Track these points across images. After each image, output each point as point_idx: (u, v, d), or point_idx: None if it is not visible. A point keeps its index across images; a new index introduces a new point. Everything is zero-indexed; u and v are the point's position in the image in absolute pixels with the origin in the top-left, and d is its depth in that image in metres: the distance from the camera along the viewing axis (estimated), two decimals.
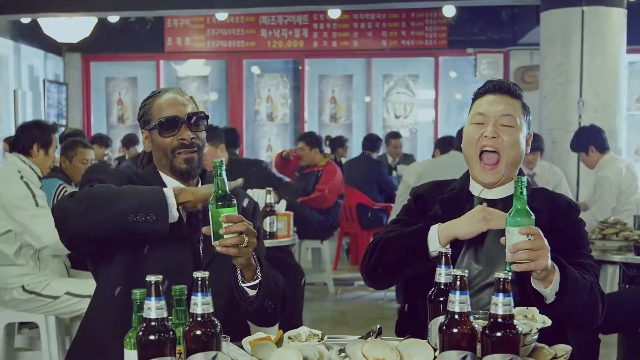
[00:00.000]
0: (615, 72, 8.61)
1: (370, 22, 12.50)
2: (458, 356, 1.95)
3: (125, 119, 13.51)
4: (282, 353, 2.19)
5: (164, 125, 2.87)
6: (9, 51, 11.15)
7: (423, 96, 13.12)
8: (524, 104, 2.84)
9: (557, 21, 8.60)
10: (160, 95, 2.99)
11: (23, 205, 4.80)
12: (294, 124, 13.40)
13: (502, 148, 2.73)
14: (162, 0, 9.87)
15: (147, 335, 1.94)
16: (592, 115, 8.31)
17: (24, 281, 4.80)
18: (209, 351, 1.97)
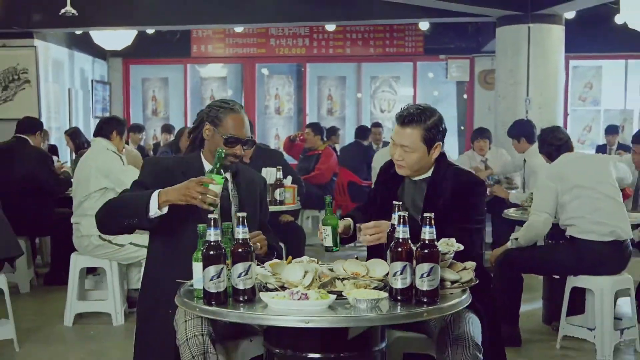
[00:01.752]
0: (555, 76, 8.91)
1: (360, 34, 12.63)
2: (401, 265, 2.51)
3: (158, 112, 13.63)
4: (290, 267, 2.74)
5: (229, 141, 3.25)
6: (65, 57, 11.39)
7: (404, 93, 13.20)
8: (425, 127, 3.26)
9: (509, 35, 8.89)
10: (235, 110, 3.33)
11: (114, 165, 5.43)
12: (297, 116, 13.56)
13: (405, 163, 3.31)
14: (189, 17, 10.02)
15: (208, 251, 2.51)
16: (537, 110, 8.64)
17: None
18: (246, 262, 2.54)
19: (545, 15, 8.70)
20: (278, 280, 2.71)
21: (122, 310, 5.53)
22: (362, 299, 2.47)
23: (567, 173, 4.88)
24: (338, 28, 12.24)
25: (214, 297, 2.55)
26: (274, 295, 2.52)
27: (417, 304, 2.54)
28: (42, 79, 10.56)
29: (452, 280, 2.71)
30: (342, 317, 2.43)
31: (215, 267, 2.53)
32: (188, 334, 2.85)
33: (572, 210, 4.79)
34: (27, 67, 10.39)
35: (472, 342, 2.95)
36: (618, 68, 12.53)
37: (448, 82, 13.13)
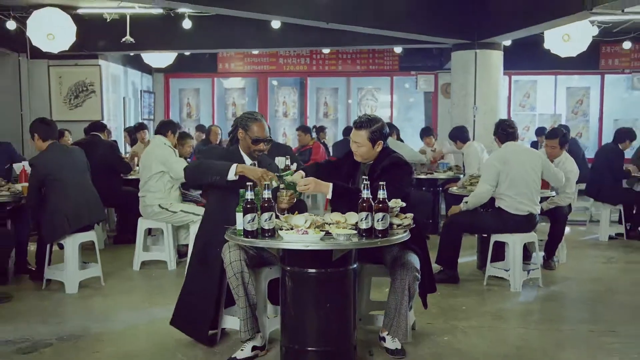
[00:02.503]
0: (495, 89, 9.41)
1: (349, 54, 13.02)
2: (365, 214, 3.29)
3: (191, 115, 13.92)
4: (297, 216, 3.52)
5: (255, 141, 4.02)
6: (121, 73, 11.99)
7: (383, 101, 13.62)
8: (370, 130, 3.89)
9: (461, 58, 9.38)
10: (257, 119, 4.03)
11: (170, 157, 6.04)
12: (299, 119, 13.86)
13: (358, 153, 3.96)
14: (219, 43, 10.61)
15: (247, 205, 3.32)
16: (482, 115, 9.18)
17: (160, 202, 6.01)
18: (270, 212, 3.33)
19: (488, 43, 9.21)
20: (289, 224, 3.54)
21: (174, 259, 6.30)
22: (341, 234, 3.31)
23: (509, 159, 5.49)
24: (332, 51, 12.68)
25: (250, 233, 3.38)
26: (286, 232, 3.36)
27: (374, 237, 3.36)
28: (104, 90, 11.18)
29: (397, 224, 3.54)
30: (329, 243, 3.27)
31: (251, 215, 3.36)
32: (231, 259, 3.70)
33: (505, 188, 5.46)
34: (93, 81, 11.05)
35: (412, 266, 3.80)
36: (549, 82, 13.07)
37: (418, 92, 13.51)
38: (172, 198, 6.16)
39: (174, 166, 6.03)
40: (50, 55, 10.02)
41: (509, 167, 5.48)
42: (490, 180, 5.52)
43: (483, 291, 5.57)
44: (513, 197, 5.46)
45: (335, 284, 3.49)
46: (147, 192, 6.13)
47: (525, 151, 5.78)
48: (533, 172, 5.53)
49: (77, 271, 5.43)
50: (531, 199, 5.49)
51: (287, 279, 3.52)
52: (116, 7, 9.23)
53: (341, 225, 3.49)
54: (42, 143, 5.39)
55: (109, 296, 5.37)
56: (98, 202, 5.63)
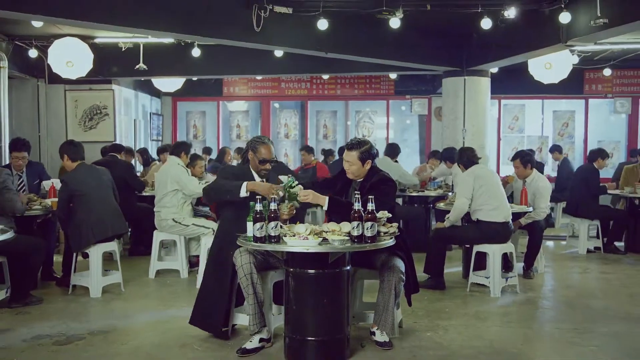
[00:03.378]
0: (483, 113, 9.93)
1: (347, 79, 13.39)
2: (357, 223, 3.85)
3: (198, 136, 14.26)
4: (299, 225, 4.06)
5: (262, 161, 4.60)
6: (132, 96, 12.46)
7: (379, 123, 13.92)
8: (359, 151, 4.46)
9: (451, 84, 9.91)
10: (264, 143, 4.62)
11: (183, 175, 6.55)
12: (300, 140, 14.12)
13: (350, 171, 4.53)
14: (225, 69, 11.21)
15: (256, 215, 3.88)
16: (471, 137, 9.66)
17: (174, 216, 6.55)
18: (276, 221, 3.90)
19: (476, 70, 9.77)
20: (292, 232, 4.12)
21: (186, 268, 6.86)
22: (336, 239, 3.90)
23: (479, 175, 6.15)
24: (331, 76, 13.10)
25: (259, 239, 3.97)
26: (289, 238, 3.95)
27: (364, 242, 3.95)
28: (117, 113, 11.66)
29: (384, 232, 4.13)
30: (326, 247, 3.86)
31: (260, 224, 3.95)
32: (242, 262, 4.28)
33: (481, 202, 6.05)
34: (107, 104, 11.56)
35: (398, 269, 4.37)
36: (537, 105, 13.57)
37: (412, 115, 13.90)
38: (185, 213, 6.71)
39: (187, 184, 6.60)
40: (67, 81, 10.49)
41: (481, 182, 6.10)
42: (466, 193, 6.12)
43: (466, 296, 6.12)
44: (488, 207, 6.06)
45: (331, 283, 4.06)
46: (163, 208, 6.70)
47: (490, 170, 6.59)
48: (499, 185, 6.20)
49: (100, 277, 6.00)
50: (504, 207, 6.08)
51: (290, 278, 4.09)
52: (131, 37, 9.82)
53: (336, 233, 4.06)
54: (71, 163, 5.98)
55: (129, 300, 5.93)
56: (120, 216, 6.20)
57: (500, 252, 6.13)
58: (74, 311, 5.51)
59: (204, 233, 6.66)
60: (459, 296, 6.12)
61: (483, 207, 6.09)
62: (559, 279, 7.00)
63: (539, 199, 6.83)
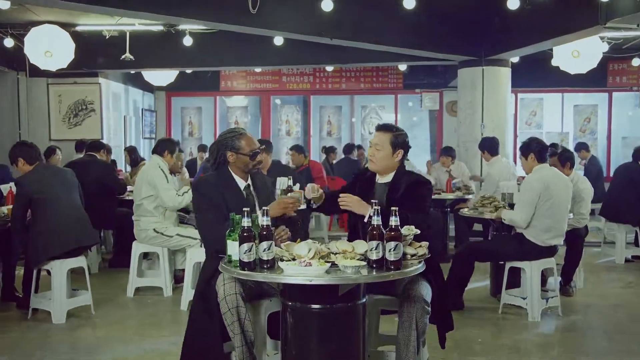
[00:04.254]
0: (503, 106, 9.13)
1: (353, 72, 12.66)
2: (375, 243, 2.89)
3: (193, 134, 13.62)
4: (299, 245, 3.10)
5: (253, 155, 3.67)
6: (121, 91, 11.67)
7: (387, 119, 13.03)
8: (394, 134, 3.62)
9: (468, 75, 9.11)
10: (242, 134, 3.70)
11: (160, 182, 5.57)
12: (303, 137, 13.56)
13: (375, 158, 3.63)
14: (220, 60, 10.31)
15: (244, 233, 2.90)
16: (490, 133, 8.65)
17: (155, 226, 5.60)
18: (269, 241, 2.92)
19: (495, 60, 8.94)
20: (290, 254, 3.14)
21: (170, 285, 5.89)
22: (349, 266, 2.91)
23: (551, 184, 5.00)
24: (336, 68, 12.32)
25: (247, 265, 2.97)
26: (287, 264, 2.95)
27: (386, 269, 2.95)
28: (104, 108, 10.83)
29: (411, 254, 3.13)
30: (335, 277, 2.86)
31: (248, 244, 2.95)
32: (226, 293, 3.27)
33: (538, 217, 4.97)
34: (93, 99, 10.70)
35: (422, 299, 3.35)
36: (556, 99, 12.70)
37: (422, 110, 13.19)
38: (168, 222, 5.76)
39: (161, 193, 5.63)
40: (50, 74, 9.69)
41: (548, 194, 5.01)
42: (530, 206, 4.99)
43: (498, 321, 5.15)
44: (540, 226, 5.00)
45: (342, 321, 3.08)
46: (141, 216, 5.75)
47: (559, 175, 5.29)
48: (566, 200, 5.14)
49: (64, 300, 5.02)
50: (560, 230, 5.11)
51: (288, 314, 3.11)
52: (115, 25, 8.89)
53: (348, 256, 3.08)
54: (28, 167, 5.01)
55: (98, 327, 4.96)
56: (87, 224, 5.21)
57: (540, 269, 5.14)
58: (31, 342, 4.55)
59: (190, 245, 5.70)
60: (491, 321, 5.15)
61: (535, 225, 5.06)
62: (602, 296, 6.01)
63: (579, 203, 5.83)
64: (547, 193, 4.99)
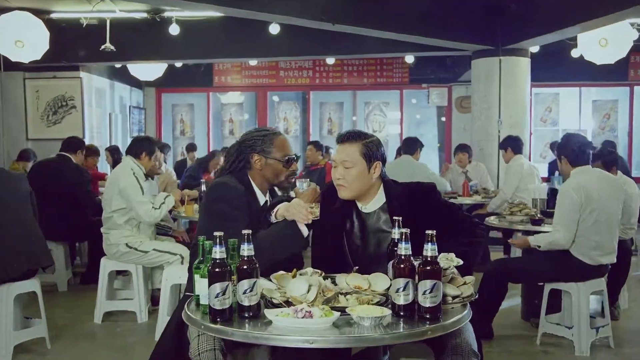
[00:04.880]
0: (522, 101, 8.34)
1: (356, 66, 11.95)
2: (403, 282, 2.04)
3: (185, 132, 12.82)
4: (296, 280, 2.27)
5: (289, 161, 2.86)
6: (106, 86, 10.84)
7: (392, 117, 12.47)
8: (363, 143, 2.69)
9: (483, 66, 8.33)
10: (277, 134, 2.91)
11: (133, 192, 4.68)
12: (302, 136, 12.86)
13: (346, 181, 2.68)
14: (213, 52, 9.50)
15: (214, 268, 2.04)
16: (507, 130, 7.97)
17: (127, 240, 4.74)
18: (251, 279, 2.05)
19: (513, 49, 8.12)
20: (283, 295, 2.24)
21: (146, 309, 5.00)
22: (365, 317, 2.00)
23: (593, 192, 4.09)
24: (337, 62, 11.55)
25: (219, 313, 2.07)
26: (278, 313, 2.05)
27: (419, 320, 2.07)
28: (87, 105, 9.95)
29: (453, 296, 2.22)
30: (346, 337, 1.95)
31: (221, 285, 2.06)
32: (201, 349, 2.37)
33: (583, 230, 4.10)
34: (74, 95, 9.81)
35: (469, 350, 2.45)
36: (573, 95, 11.84)
37: (429, 106, 12.42)
38: (143, 235, 4.87)
39: (136, 208, 4.73)
40: (26, 67, 8.86)
41: (592, 202, 4.09)
42: (570, 221, 4.08)
43: (538, 355, 4.25)
44: (589, 242, 4.10)
45: None
46: (111, 229, 4.85)
47: (605, 178, 4.36)
48: (616, 206, 4.21)
49: (11, 332, 4.09)
50: (612, 245, 4.19)
51: None
52: (93, 11, 8.00)
53: (364, 299, 2.18)
54: None
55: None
56: (40, 242, 4.28)
57: (589, 292, 4.23)
58: None
59: (169, 261, 4.81)
60: (529, 356, 4.25)
61: (580, 242, 4.14)
62: None
63: (627, 211, 4.90)
64: (589, 204, 4.08)
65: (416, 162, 7.03)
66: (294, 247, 2.63)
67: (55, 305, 5.18)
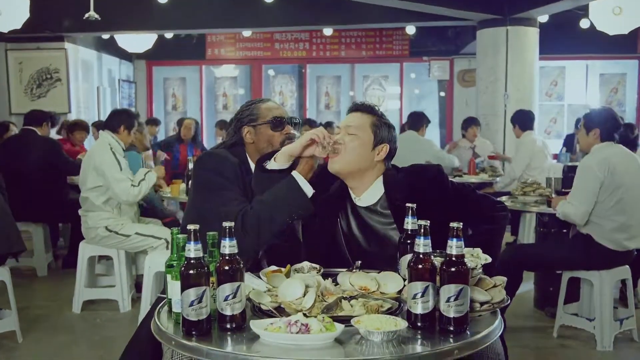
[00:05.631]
0: (530, 74, 8.03)
1: (354, 38, 11.49)
2: (422, 286, 1.67)
3: (177, 107, 12.35)
4: (289, 282, 1.89)
5: (275, 123, 2.50)
6: (93, 58, 10.40)
7: (392, 91, 12.07)
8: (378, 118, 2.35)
9: (489, 37, 7.94)
10: (264, 101, 2.60)
11: (110, 170, 4.34)
12: (298, 111, 12.31)
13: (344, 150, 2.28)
14: (204, 22, 9.06)
15: (188, 270, 1.66)
16: (514, 104, 7.60)
17: (107, 223, 4.39)
18: (234, 282, 1.68)
19: (521, 18, 7.72)
20: (274, 299, 1.85)
21: (129, 297, 4.63)
22: (375, 331, 1.60)
23: (619, 167, 3.72)
24: (334, 33, 11.08)
25: (195, 325, 1.68)
26: (267, 326, 1.65)
27: (441, 332, 1.69)
28: (72, 78, 9.52)
29: (481, 302, 1.83)
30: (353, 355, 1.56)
31: (196, 290, 1.67)
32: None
33: (606, 210, 3.73)
34: (59, 68, 9.37)
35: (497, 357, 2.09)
36: (580, 68, 11.39)
37: (430, 80, 11.95)
38: (125, 217, 4.48)
39: (113, 186, 4.34)
40: (8, 38, 8.51)
41: (617, 180, 3.71)
42: (588, 198, 3.71)
43: (556, 349, 3.88)
44: (614, 225, 3.72)
45: None
46: (89, 211, 4.46)
47: (631, 156, 3.93)
48: None
49: None
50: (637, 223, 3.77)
51: None
52: None
53: (372, 304, 1.79)
54: None
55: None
56: (11, 226, 3.88)
57: (613, 281, 3.86)
58: None
59: (152, 246, 4.43)
60: (547, 350, 3.89)
61: (602, 224, 3.75)
62: None
63: None
64: (613, 180, 3.69)
65: (422, 138, 6.66)
66: (295, 208, 2.22)
67: (32, 293, 4.83)
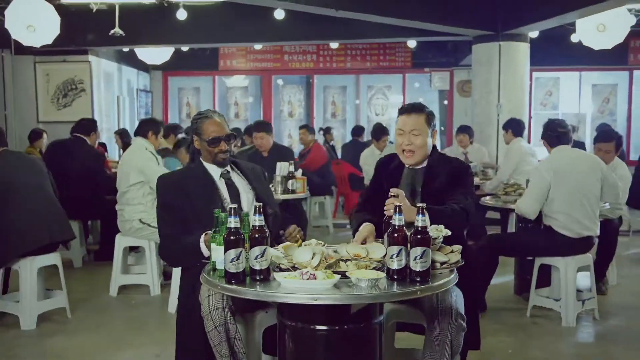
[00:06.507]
0: (522, 85, 8.53)
1: (359, 50, 12.10)
2: (397, 249, 2.30)
3: (191, 115, 11.76)
4: (301, 249, 2.52)
5: (211, 142, 3.11)
6: (114, 70, 11.06)
7: (394, 101, 12.68)
8: (427, 112, 3.10)
9: (483, 51, 8.49)
10: (208, 117, 3.17)
11: (150, 164, 5.05)
12: (306, 119, 12.99)
13: (414, 147, 3.06)
14: (217, 36, 9.67)
15: (230, 236, 2.30)
16: (507, 114, 8.10)
17: (141, 216, 5.03)
18: (262, 246, 2.32)
19: (513, 34, 8.30)
20: (290, 261, 2.52)
21: (158, 282, 5.30)
22: (363, 279, 2.28)
23: (562, 168, 4.42)
24: (340, 46, 11.74)
25: (234, 276, 2.35)
26: (286, 275, 2.33)
27: (411, 282, 2.34)
28: (95, 88, 10.22)
29: (441, 262, 2.50)
30: (346, 295, 2.23)
31: (235, 251, 2.34)
32: (211, 307, 2.68)
33: (558, 206, 4.40)
34: (83, 79, 10.09)
35: (457, 313, 2.75)
36: (573, 79, 12.06)
37: (431, 90, 12.61)
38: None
39: (154, 178, 4.98)
40: (37, 51, 9.09)
41: (561, 179, 4.41)
42: (539, 196, 4.45)
43: (527, 326, 4.52)
44: (567, 217, 4.39)
45: (353, 345, 2.46)
46: (126, 205, 5.14)
47: (581, 157, 4.63)
48: (592, 184, 4.46)
49: (34, 303, 4.40)
50: (591, 218, 4.44)
51: (287, 337, 2.49)
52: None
53: (362, 264, 2.46)
54: None
55: (74, 334, 4.34)
56: (62, 217, 4.57)
57: (576, 267, 4.50)
58: None
59: None
60: (520, 326, 4.52)
61: (561, 216, 4.43)
62: (638, 295, 5.38)
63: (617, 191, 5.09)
64: (559, 180, 4.39)
65: None
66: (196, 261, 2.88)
67: (72, 280, 5.44)
